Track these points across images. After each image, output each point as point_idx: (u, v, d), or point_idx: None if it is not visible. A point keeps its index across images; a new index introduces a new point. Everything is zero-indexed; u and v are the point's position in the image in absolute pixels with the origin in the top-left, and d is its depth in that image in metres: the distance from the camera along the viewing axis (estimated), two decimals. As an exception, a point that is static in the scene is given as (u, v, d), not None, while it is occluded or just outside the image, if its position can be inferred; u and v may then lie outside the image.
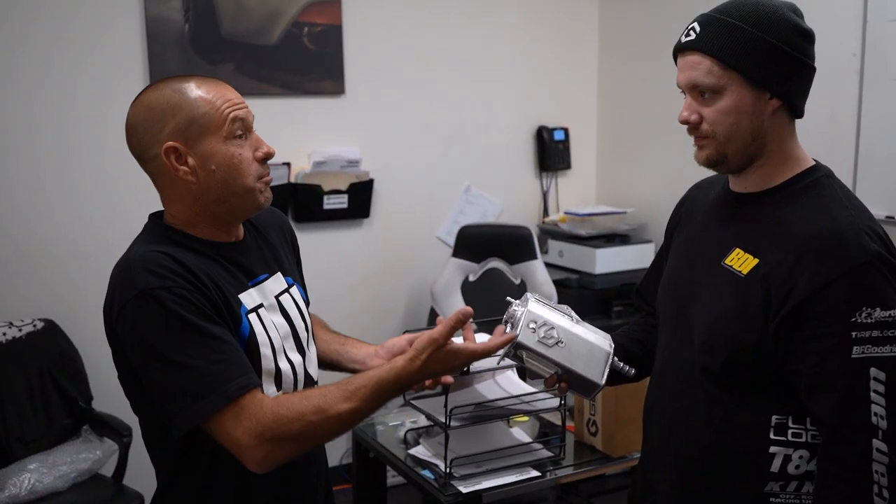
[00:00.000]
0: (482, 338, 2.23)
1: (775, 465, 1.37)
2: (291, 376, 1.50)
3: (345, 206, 3.52)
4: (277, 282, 1.55)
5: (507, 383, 2.24)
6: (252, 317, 1.44)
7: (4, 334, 2.88)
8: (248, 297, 1.46)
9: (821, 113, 2.96)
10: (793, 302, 1.29)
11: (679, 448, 1.49)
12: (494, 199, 3.92)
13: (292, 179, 3.42)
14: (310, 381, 1.56)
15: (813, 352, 1.29)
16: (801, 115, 1.42)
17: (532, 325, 1.50)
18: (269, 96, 3.36)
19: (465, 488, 2.00)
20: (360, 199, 3.56)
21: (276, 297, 1.53)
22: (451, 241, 3.67)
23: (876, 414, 1.25)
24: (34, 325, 2.95)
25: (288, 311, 1.54)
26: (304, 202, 3.44)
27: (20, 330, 2.92)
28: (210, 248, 1.45)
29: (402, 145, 3.69)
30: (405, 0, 3.62)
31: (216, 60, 3.26)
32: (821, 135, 2.97)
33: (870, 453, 1.25)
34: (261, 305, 1.48)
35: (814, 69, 1.40)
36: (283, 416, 1.31)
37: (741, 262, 1.38)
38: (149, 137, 1.40)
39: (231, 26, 3.27)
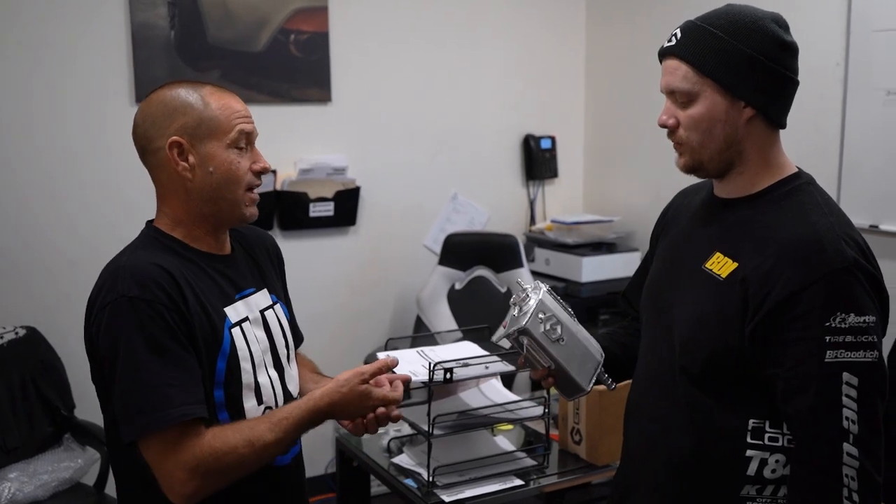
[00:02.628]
0: (468, 346, 2.23)
1: (751, 469, 1.38)
2: (271, 391, 1.53)
3: (331, 213, 3.51)
4: (264, 297, 1.60)
5: (492, 392, 2.24)
6: (235, 331, 1.48)
7: (-14, 342, 2.86)
8: (234, 311, 1.50)
9: (805, 122, 2.97)
10: (769, 305, 1.31)
11: (657, 450, 1.50)
12: (481, 208, 3.92)
13: (278, 187, 3.40)
14: (289, 397, 1.59)
15: (788, 355, 1.30)
16: (782, 126, 1.43)
17: (541, 316, 1.53)
18: (255, 103, 3.34)
19: (447, 497, 1.99)
20: (347, 206, 3.55)
21: (261, 312, 1.57)
22: (438, 248, 3.66)
23: (847, 418, 1.26)
24: (16, 333, 2.93)
25: (270, 326, 1.58)
26: (289, 210, 3.43)
27: (2, 337, 2.89)
28: (201, 258, 1.50)
29: (389, 153, 3.68)
30: (392, 8, 3.62)
31: (202, 67, 3.25)
32: (805, 144, 2.98)
33: (840, 457, 1.26)
34: (245, 319, 1.52)
35: (795, 81, 1.41)
36: (219, 450, 1.36)
37: (721, 265, 1.40)
38: (156, 130, 1.46)
39: (217, 33, 3.27)
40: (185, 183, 1.46)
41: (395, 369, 2.06)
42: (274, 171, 3.37)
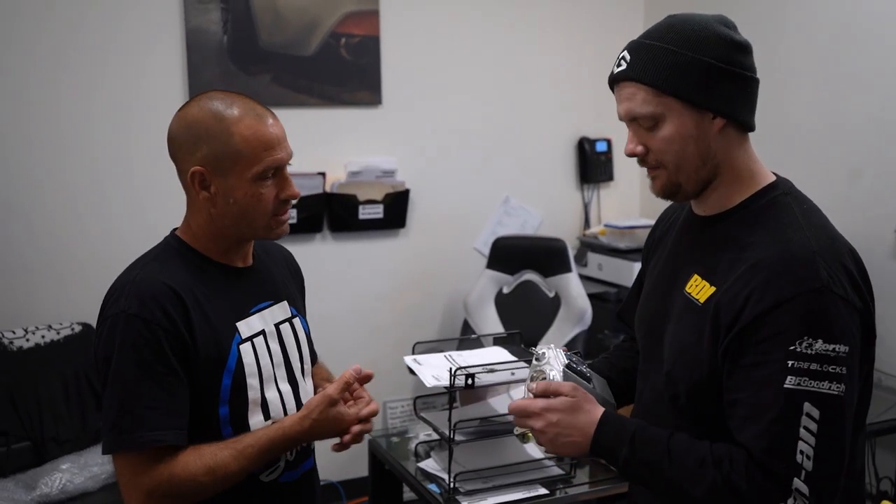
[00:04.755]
0: (498, 352, 2.20)
1: None
2: (280, 405, 1.53)
3: (380, 216, 3.52)
4: (282, 309, 1.59)
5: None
6: (245, 346, 1.48)
7: (43, 337, 2.97)
8: (246, 326, 1.49)
9: (868, 113, 2.81)
10: (738, 328, 1.23)
11: None
12: (534, 211, 3.87)
13: (328, 189, 3.44)
14: None
15: (750, 380, 1.22)
16: (751, 129, 1.35)
17: None
18: (305, 107, 3.39)
19: (468, 504, 1.97)
20: (396, 209, 3.56)
21: (277, 325, 1.56)
22: (489, 252, 3.63)
23: (802, 452, 1.17)
24: (72, 329, 3.03)
25: (285, 340, 1.57)
26: (339, 212, 3.46)
27: (58, 333, 3.00)
28: (220, 271, 1.50)
29: (439, 156, 3.68)
30: (443, 11, 3.62)
31: (254, 71, 3.30)
32: (868, 136, 2.83)
33: (787, 495, 1.17)
34: (260, 333, 1.51)
35: (755, 80, 1.33)
36: (178, 477, 1.37)
37: (699, 289, 1.33)
38: (182, 153, 1.46)
39: (269, 37, 3.32)
40: (208, 209, 1.46)
41: (424, 372, 2.06)
42: (323, 174, 3.40)
